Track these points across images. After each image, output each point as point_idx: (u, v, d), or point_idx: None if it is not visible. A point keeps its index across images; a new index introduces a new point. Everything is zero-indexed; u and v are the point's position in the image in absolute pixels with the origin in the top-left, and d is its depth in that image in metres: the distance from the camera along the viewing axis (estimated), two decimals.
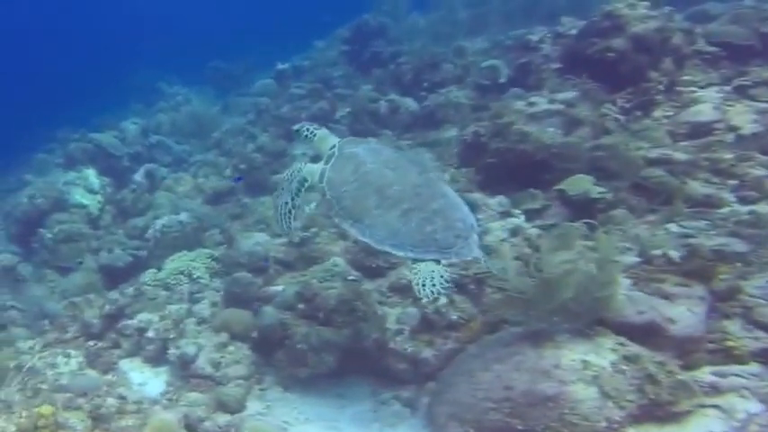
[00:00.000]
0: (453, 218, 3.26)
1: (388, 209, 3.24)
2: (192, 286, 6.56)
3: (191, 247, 7.32)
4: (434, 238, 3.15)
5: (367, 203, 3.28)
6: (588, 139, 5.19)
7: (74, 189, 9.70)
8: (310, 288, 4.86)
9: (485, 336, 3.96)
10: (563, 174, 5.04)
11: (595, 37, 6.01)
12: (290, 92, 10.28)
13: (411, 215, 3.20)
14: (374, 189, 3.32)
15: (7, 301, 7.49)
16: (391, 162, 3.45)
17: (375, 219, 3.24)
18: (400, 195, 3.26)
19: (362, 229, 3.28)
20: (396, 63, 9.61)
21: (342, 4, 15.35)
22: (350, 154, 3.55)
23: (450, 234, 3.18)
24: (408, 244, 3.16)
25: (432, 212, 3.22)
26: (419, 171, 3.48)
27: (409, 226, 3.18)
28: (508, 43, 9.26)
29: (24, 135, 15.91)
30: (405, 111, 8.45)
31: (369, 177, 3.36)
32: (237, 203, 8.72)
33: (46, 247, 8.88)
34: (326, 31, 14.32)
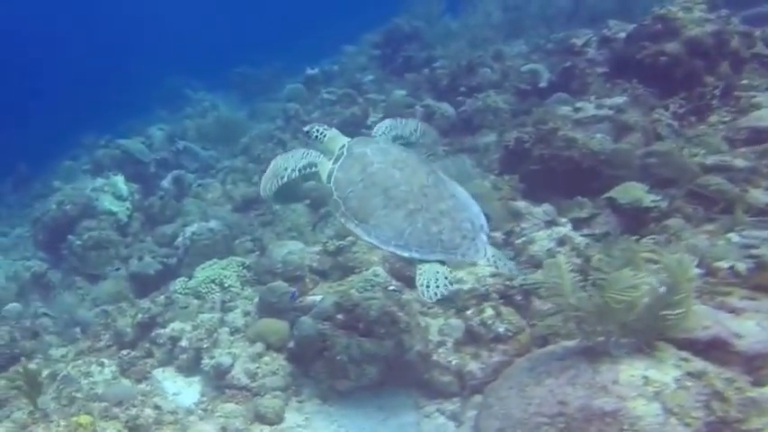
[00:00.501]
0: (461, 218, 3.34)
1: (394, 209, 3.31)
2: (223, 295, 6.71)
3: (221, 255, 7.50)
4: (440, 238, 3.24)
5: (373, 204, 3.37)
6: (639, 146, 5.19)
7: (102, 196, 10.02)
8: (350, 298, 4.94)
9: (534, 349, 3.98)
10: (612, 181, 5.05)
11: (646, 41, 6.02)
12: (320, 97, 10.46)
13: (417, 215, 3.29)
14: (381, 189, 3.40)
15: (39, 308, 7.75)
16: (399, 162, 3.53)
17: (380, 219, 3.32)
18: (406, 196, 3.34)
19: (368, 229, 3.36)
20: (431, 68, 9.72)
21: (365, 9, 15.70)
22: (358, 154, 3.63)
23: (456, 235, 3.26)
24: (413, 244, 3.25)
25: (438, 213, 3.30)
26: (428, 171, 3.55)
27: (415, 226, 3.26)
28: (549, 47, 9.30)
29: (50, 141, 16.52)
30: (441, 116, 8.54)
31: (375, 177, 3.45)
32: (268, 211, 8.90)
33: (75, 254, 9.19)
34: (354, 35, 14.59)
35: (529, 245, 4.95)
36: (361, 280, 5.25)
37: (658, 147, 5.05)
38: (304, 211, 8.38)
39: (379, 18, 13.86)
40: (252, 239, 8.05)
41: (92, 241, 9.14)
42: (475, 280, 5.00)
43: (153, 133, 13.10)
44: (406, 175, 3.45)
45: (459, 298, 4.90)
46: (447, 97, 9.05)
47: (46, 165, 15.17)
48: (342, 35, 16.84)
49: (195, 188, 9.98)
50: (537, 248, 4.87)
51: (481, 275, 5.02)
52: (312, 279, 5.97)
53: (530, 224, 5.25)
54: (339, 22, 20.84)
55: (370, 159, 3.56)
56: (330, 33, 19.00)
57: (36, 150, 16.23)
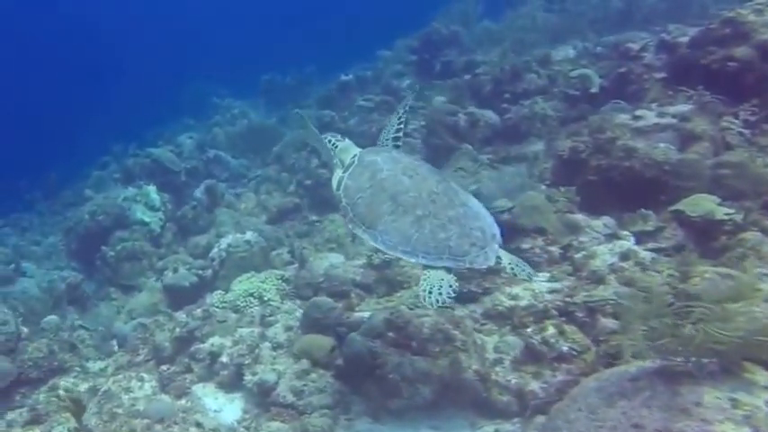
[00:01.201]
0: (470, 226, 3.43)
1: (402, 215, 3.44)
2: (263, 309, 6.83)
3: (258, 267, 7.64)
4: (448, 245, 3.35)
5: (381, 209, 3.50)
6: (708, 156, 5.15)
7: (135, 206, 10.31)
8: (401, 315, 5.00)
9: (601, 368, 3.96)
10: (679, 193, 5.01)
11: (713, 45, 5.98)
12: (357, 104, 10.60)
13: (425, 221, 3.40)
14: (389, 195, 3.54)
15: (75, 321, 8.00)
16: (409, 170, 3.66)
17: (388, 225, 3.44)
18: (415, 202, 3.47)
19: (375, 234, 3.49)
20: (472, 73, 9.77)
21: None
22: (368, 162, 3.79)
23: (465, 242, 3.36)
24: (420, 250, 3.36)
25: (447, 220, 3.41)
26: (438, 180, 3.66)
27: (422, 232, 3.38)
28: (598, 50, 9.28)
29: (78, 148, 17.07)
30: (485, 124, 8.57)
31: (384, 184, 3.59)
32: (304, 221, 9.04)
33: (108, 265, 9.47)
34: (386, 40, 14.75)
35: (589, 259, 4.94)
36: (411, 296, 5.29)
37: (730, 157, 5.00)
38: (342, 221, 8.47)
39: (411, 21, 14.03)
40: (289, 251, 8.18)
41: (125, 252, 9.41)
42: (531, 296, 5.02)
43: (182, 142, 13.44)
44: (416, 182, 3.58)
45: (516, 314, 4.92)
46: (491, 104, 9.08)
47: (75, 172, 15.69)
48: (372, 40, 17.07)
49: (228, 198, 10.17)
50: (599, 263, 4.86)
51: (538, 291, 5.03)
52: (358, 294, 6.06)
53: (589, 238, 5.25)
54: (369, 26, 21.18)
55: (380, 167, 3.71)
56: (360, 38, 19.33)
57: (64, 158, 16.81)
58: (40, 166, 15.99)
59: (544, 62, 9.25)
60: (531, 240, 5.57)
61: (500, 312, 5.03)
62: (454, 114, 8.59)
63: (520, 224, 5.68)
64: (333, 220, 8.49)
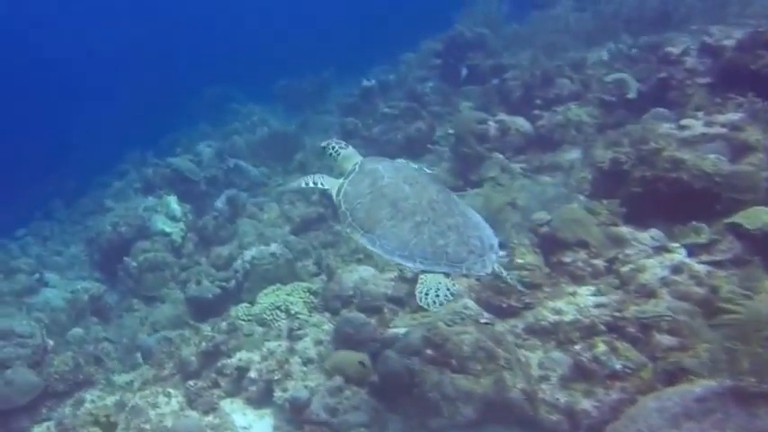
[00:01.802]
0: (469, 235, 3.54)
1: (401, 221, 3.54)
2: (290, 322, 6.79)
3: (283, 279, 7.61)
4: (446, 251, 3.44)
5: (380, 215, 3.60)
6: (763, 167, 5.02)
7: (155, 216, 10.37)
8: (439, 332, 4.92)
9: (660, 387, 3.86)
10: (731, 205, 4.89)
11: (762, 49, 5.85)
12: (381, 112, 10.56)
13: (423, 227, 3.50)
14: (389, 202, 3.64)
15: (100, 333, 8.04)
16: (410, 178, 3.78)
17: (386, 230, 3.54)
18: (414, 208, 3.57)
19: (373, 239, 3.58)
20: (500, 78, 9.70)
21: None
22: (369, 170, 3.91)
23: (462, 249, 3.46)
24: (418, 255, 3.45)
25: (446, 227, 3.51)
26: (439, 189, 3.77)
27: (421, 238, 3.47)
28: (633, 53, 9.16)
29: (95, 156, 17.26)
30: (516, 131, 8.49)
31: (385, 191, 3.70)
32: (329, 231, 9.00)
33: (131, 276, 9.54)
34: (407, 43, 14.71)
35: (638, 273, 4.83)
36: (448, 312, 5.21)
37: None
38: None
39: (430, 21, 14.00)
40: (315, 263, 8.14)
41: (147, 263, 9.46)
42: (576, 310, 4.92)
43: (201, 150, 13.53)
44: (416, 190, 3.69)
45: (561, 330, 4.83)
46: (521, 110, 8.99)
47: (93, 179, 15.86)
48: (391, 41, 17.10)
49: (250, 208, 10.18)
50: (648, 277, 4.75)
51: (583, 306, 4.94)
52: (390, 309, 6.00)
53: (635, 250, 5.13)
54: (387, 27, 21.18)
55: (381, 174, 3.83)
56: (379, 41, 19.34)
57: (82, 166, 16.99)
58: (60, 173, 16.18)
59: (577, 66, 9.15)
60: (572, 254, 5.47)
61: (543, 327, 4.95)
62: (484, 122, 8.51)
63: (560, 237, 5.59)
64: None
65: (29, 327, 7.27)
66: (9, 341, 7.09)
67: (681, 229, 5.04)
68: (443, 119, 10.32)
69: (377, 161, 4.03)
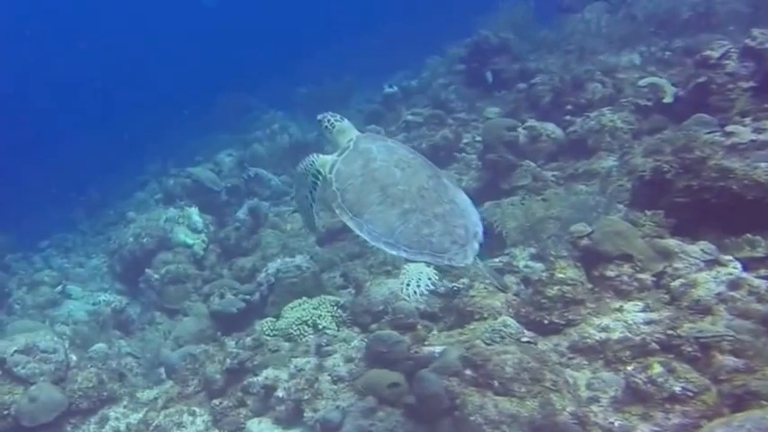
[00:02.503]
0: (455, 224, 3.56)
1: (389, 207, 3.56)
2: (318, 338, 6.63)
3: (310, 293, 7.45)
4: (430, 240, 3.47)
5: (369, 199, 3.60)
6: None
7: (177, 228, 10.30)
8: (479, 352, 4.72)
9: (727, 411, 3.63)
10: None
11: None
12: (404, 119, 10.39)
13: (411, 215, 3.53)
14: (379, 186, 3.64)
15: (123, 347, 7.95)
16: (403, 162, 3.77)
17: (374, 215, 3.56)
18: (403, 195, 3.58)
19: (360, 223, 3.60)
20: (529, 84, 9.49)
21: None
22: (364, 149, 3.87)
23: (446, 239, 3.49)
24: (403, 243, 3.48)
25: (432, 216, 3.54)
26: (430, 175, 3.78)
27: (407, 226, 3.50)
28: (666, 56, 8.91)
29: (116, 167, 17.32)
30: (547, 138, 8.27)
31: (376, 174, 3.69)
32: (355, 241, 8.82)
33: (153, 288, 9.46)
34: (428, 48, 14.51)
35: (691, 288, 4.59)
36: (487, 330, 5.00)
37: None
38: None
39: (452, 28, 13.83)
40: (342, 275, 7.98)
41: (169, 275, 9.38)
42: (624, 327, 4.69)
43: (221, 160, 13.47)
44: (407, 175, 3.69)
45: (609, 348, 4.60)
46: (551, 116, 8.77)
47: (114, 190, 15.89)
48: (413, 48, 16.93)
49: (273, 219, 10.06)
50: (702, 292, 4.50)
51: (632, 323, 4.71)
52: (425, 326, 5.80)
53: (685, 264, 4.88)
54: (407, 34, 21.03)
55: (374, 155, 3.79)
56: (399, 46, 19.20)
57: (103, 176, 17.07)
58: (82, 184, 16.25)
59: (608, 70, 8.92)
60: (616, 268, 5.23)
61: (589, 346, 4.72)
62: (513, 129, 8.29)
63: (602, 250, 5.35)
64: None
65: (52, 342, 7.22)
66: (32, 357, 7.04)
67: (733, 241, 4.79)
68: (469, 125, 10.13)
69: (372, 140, 4.02)
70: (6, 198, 17.04)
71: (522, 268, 6.32)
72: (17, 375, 6.84)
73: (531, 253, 6.59)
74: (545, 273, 5.37)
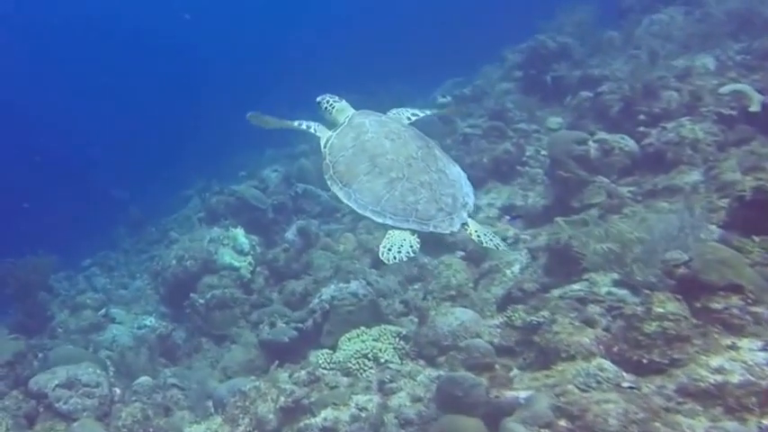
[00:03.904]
0: (442, 192, 3.67)
1: (377, 176, 3.69)
2: (380, 373, 6.27)
3: (368, 322, 7.09)
4: (416, 208, 3.59)
5: (358, 169, 3.76)
6: None
7: (222, 249, 10.08)
8: (574, 401, 4.24)
9: None
10: None
11: None
12: (461, 132, 9.97)
13: (397, 184, 3.64)
14: (368, 156, 3.79)
15: (168, 378, 7.72)
16: (393, 134, 3.91)
17: (362, 184, 3.70)
18: (391, 164, 3.71)
19: (349, 193, 3.75)
20: (595, 92, 8.96)
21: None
22: (357, 123, 4.05)
23: (432, 207, 3.60)
24: (389, 211, 3.60)
25: (419, 184, 3.66)
26: (420, 146, 3.88)
27: (393, 194, 3.61)
28: (745, 60, 8.28)
29: (157, 183, 17.36)
30: (620, 152, 7.73)
31: (366, 145, 3.85)
32: (413, 263, 8.43)
33: (198, 314, 9.24)
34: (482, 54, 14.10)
35: None
36: (579, 373, 4.52)
37: None
38: (460, 265, 7.82)
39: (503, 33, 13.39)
40: (402, 301, 7.59)
41: (215, 300, 9.14)
42: (744, 369, 4.15)
43: (267, 176, 13.25)
44: (396, 145, 3.83)
45: (728, 393, 4.06)
46: (621, 128, 8.22)
47: (156, 206, 15.90)
48: (463, 55, 16.53)
49: (324, 240, 9.74)
50: None
51: (752, 363, 4.17)
52: (504, 366, 5.35)
53: None
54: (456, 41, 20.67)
55: (366, 129, 3.96)
56: (448, 53, 18.83)
57: (144, 192, 17.12)
58: (124, 202, 16.33)
59: (683, 76, 8.33)
60: (723, 299, 4.69)
61: (702, 390, 4.21)
62: (583, 142, 7.78)
63: (705, 280, 4.82)
64: (449, 263, 7.84)
65: (95, 375, 7.03)
66: (75, 391, 6.84)
67: None
68: (531, 137, 9.66)
69: (366, 115, 4.17)
70: (51, 217, 17.29)
71: (606, 296, 5.81)
72: (59, 411, 6.69)
73: (613, 279, 6.07)
74: (640, 307, 4.85)
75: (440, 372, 6.04)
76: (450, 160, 4.06)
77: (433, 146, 4.05)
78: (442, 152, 4.08)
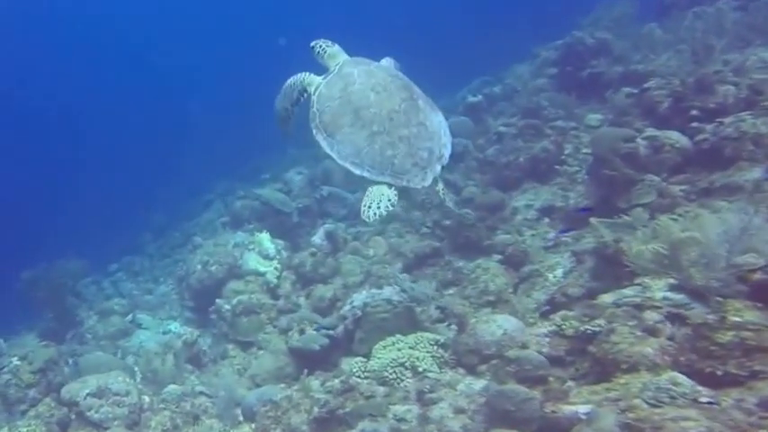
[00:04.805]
0: (419, 146, 3.81)
1: (359, 129, 3.82)
2: (419, 383, 5.96)
3: (403, 329, 6.78)
4: (392, 162, 3.73)
5: (342, 121, 3.88)
6: None
7: (247, 254, 9.88)
8: (645, 418, 3.85)
9: None
10: None
11: None
12: (496, 131, 9.61)
13: (377, 137, 3.77)
14: (352, 109, 3.90)
15: (195, 385, 7.54)
16: (379, 86, 3.97)
17: (345, 136, 3.84)
18: (373, 118, 3.82)
19: (332, 143, 3.90)
20: (640, 88, 8.54)
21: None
22: (346, 73, 4.11)
23: (408, 161, 3.75)
24: (367, 164, 3.75)
25: (398, 138, 3.78)
26: (404, 98, 3.94)
27: (372, 147, 3.76)
28: None
29: (180, 187, 17.25)
30: (672, 148, 7.30)
31: (352, 97, 3.94)
32: (448, 267, 8.10)
33: (224, 320, 9.04)
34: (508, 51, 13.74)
35: None
36: (647, 387, 4.13)
37: None
38: (498, 269, 7.47)
39: (530, 31, 13.04)
40: (438, 307, 7.26)
41: (242, 306, 8.91)
42: None
43: (291, 178, 13.00)
44: (380, 98, 3.90)
45: None
46: (671, 124, 7.78)
47: (178, 210, 15.76)
48: (487, 53, 16.18)
49: (353, 244, 9.44)
50: None
51: None
52: (558, 378, 4.97)
53: None
54: (479, 39, 20.32)
55: (353, 79, 4.03)
56: (472, 51, 18.50)
57: (167, 196, 17.01)
58: (147, 206, 16.23)
59: (741, 70, 7.87)
60: None
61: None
62: (631, 140, 7.37)
63: None
64: (486, 267, 7.49)
65: (124, 384, 6.92)
66: (105, 400, 6.71)
67: None
68: (568, 134, 9.27)
69: (355, 64, 4.21)
70: (78, 221, 17.29)
71: (662, 301, 5.39)
72: (91, 420, 6.69)
73: (668, 284, 5.64)
74: (711, 315, 4.45)
75: (481, 381, 5.74)
76: (433, 109, 4.14)
77: (418, 96, 4.11)
78: (426, 101, 4.12)
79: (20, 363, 8.46)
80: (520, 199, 8.48)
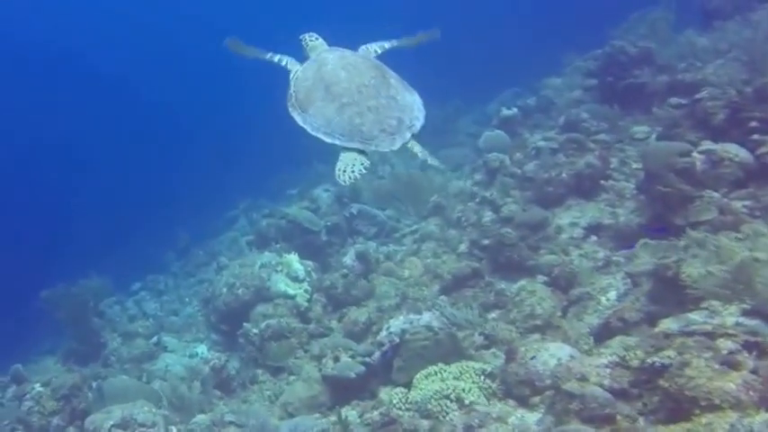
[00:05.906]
0: (387, 115, 3.97)
1: (329, 102, 4.04)
2: (467, 417, 5.62)
3: (446, 357, 6.46)
4: (360, 129, 3.90)
5: (314, 96, 4.12)
6: None
7: (275, 276, 9.64)
8: None
9: None
10: None
11: None
12: (535, 146, 9.28)
13: (346, 108, 3.98)
14: (324, 85, 4.13)
15: (225, 414, 7.24)
16: (350, 65, 4.23)
17: (317, 110, 4.06)
18: (343, 92, 4.05)
19: (305, 117, 4.08)
20: (692, 98, 8.16)
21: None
22: (321, 59, 4.35)
23: (375, 128, 3.91)
24: (337, 132, 3.95)
25: (366, 108, 3.98)
26: (374, 75, 4.16)
27: (342, 117, 3.96)
28: None
29: (204, 204, 17.13)
30: (731, 163, 6.92)
31: (324, 76, 4.19)
32: (488, 289, 7.76)
33: (252, 344, 8.79)
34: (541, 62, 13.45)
35: None
36: (736, 428, 3.75)
37: None
38: (545, 291, 7.11)
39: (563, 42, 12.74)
40: (482, 333, 6.92)
41: (270, 330, 8.64)
42: None
43: (318, 195, 12.71)
44: (350, 75, 4.14)
45: None
46: (728, 136, 7.39)
47: (203, 227, 15.64)
48: (517, 64, 15.88)
49: (387, 265, 9.15)
50: None
51: None
52: (627, 417, 4.58)
53: None
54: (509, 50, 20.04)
55: (327, 62, 4.27)
56: (501, 63, 18.23)
57: (192, 214, 16.87)
58: (171, 225, 16.09)
59: None
60: None
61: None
62: (687, 154, 7.01)
63: None
64: (532, 290, 7.13)
65: (150, 414, 6.70)
66: (131, 431, 6.41)
67: None
68: (613, 148, 8.91)
69: (332, 51, 4.46)
70: (96, 237, 17.20)
71: (736, 328, 5.00)
72: None
73: (741, 308, 5.25)
74: None
75: (535, 414, 5.40)
76: (407, 89, 4.26)
77: (390, 76, 4.30)
78: (399, 82, 4.30)
79: (42, 389, 8.30)
80: (564, 217, 8.11)
